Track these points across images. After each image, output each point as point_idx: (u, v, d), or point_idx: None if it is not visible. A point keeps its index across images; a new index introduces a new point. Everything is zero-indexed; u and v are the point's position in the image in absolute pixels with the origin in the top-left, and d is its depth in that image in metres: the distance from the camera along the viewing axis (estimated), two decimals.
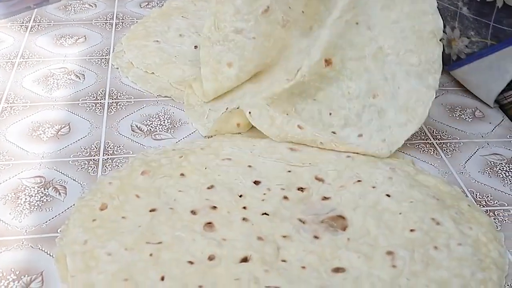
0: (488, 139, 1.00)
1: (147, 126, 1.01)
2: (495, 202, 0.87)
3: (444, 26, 1.09)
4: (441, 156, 0.96)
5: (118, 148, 0.95)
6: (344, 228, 0.80)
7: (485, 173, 0.93)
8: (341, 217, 0.82)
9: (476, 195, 0.88)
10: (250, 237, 0.77)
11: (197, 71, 1.11)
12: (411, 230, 0.79)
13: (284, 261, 0.75)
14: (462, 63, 1.11)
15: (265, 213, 0.81)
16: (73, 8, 1.40)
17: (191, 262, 0.73)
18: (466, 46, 1.08)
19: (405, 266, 0.74)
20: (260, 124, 0.96)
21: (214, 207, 0.82)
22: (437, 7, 1.00)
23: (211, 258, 0.74)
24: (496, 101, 1.09)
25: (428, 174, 0.91)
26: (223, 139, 0.97)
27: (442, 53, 1.12)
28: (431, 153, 0.97)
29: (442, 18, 1.09)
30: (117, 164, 0.91)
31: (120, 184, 0.86)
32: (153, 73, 1.14)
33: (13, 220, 0.81)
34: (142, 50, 1.20)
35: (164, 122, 1.02)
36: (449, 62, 1.13)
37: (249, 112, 0.96)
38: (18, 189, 0.86)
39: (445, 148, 0.98)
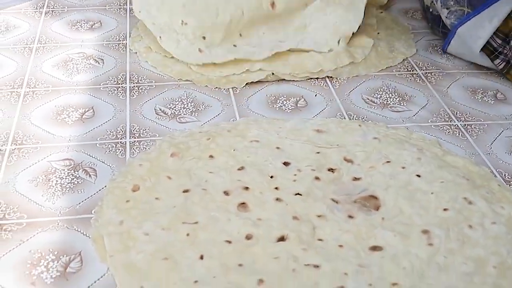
0: None
1: (171, 109, 1.00)
2: None
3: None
4: (467, 138, 0.96)
5: (144, 131, 0.94)
6: (377, 208, 0.80)
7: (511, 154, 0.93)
8: (374, 197, 0.82)
9: (504, 175, 0.89)
10: (285, 217, 0.77)
11: None
12: (444, 209, 0.79)
13: (320, 240, 0.75)
14: (448, 41, 1.14)
15: (298, 193, 0.81)
16: None
17: (228, 242, 0.73)
18: (446, 17, 1.11)
19: (441, 244, 0.74)
20: (167, 46, 1.12)
21: (246, 188, 0.82)
22: None
23: (248, 237, 0.74)
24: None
25: (455, 155, 0.91)
26: (249, 122, 0.97)
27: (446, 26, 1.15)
28: (456, 134, 0.97)
29: None
30: (144, 146, 0.91)
31: (150, 166, 0.85)
32: (172, 57, 1.13)
33: (46, 202, 0.80)
34: None
35: (187, 106, 1.01)
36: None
37: (159, 37, 1.13)
38: (48, 171, 0.86)
39: (469, 130, 0.98)
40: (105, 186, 0.83)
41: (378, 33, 1.24)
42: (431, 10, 1.20)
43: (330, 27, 1.15)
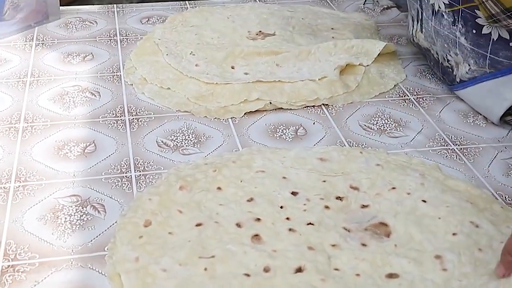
0: (505, 143, 1.04)
1: (173, 141, 1.01)
2: None
3: (449, 51, 1.13)
4: (464, 161, 0.99)
5: (149, 164, 0.95)
6: (388, 235, 0.82)
7: (509, 176, 0.96)
8: (384, 224, 0.83)
9: (505, 197, 0.91)
10: (301, 247, 0.78)
11: (213, 86, 1.12)
12: (454, 234, 0.81)
13: (337, 269, 0.76)
14: (465, 85, 1.12)
15: (310, 223, 0.82)
16: (74, 26, 1.39)
17: (247, 275, 0.74)
18: (467, 72, 1.10)
19: (455, 269, 0.76)
20: (169, 60, 1.21)
21: (258, 219, 0.83)
22: (440, 34, 1.10)
23: (266, 269, 0.75)
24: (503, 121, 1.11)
25: (456, 179, 0.93)
26: (252, 152, 0.97)
27: (449, 74, 1.15)
28: (454, 158, 0.99)
29: (445, 44, 1.13)
30: (150, 180, 0.91)
31: (160, 200, 0.85)
32: (168, 88, 1.14)
33: (57, 240, 0.80)
34: (154, 66, 1.20)
35: (189, 137, 1.02)
36: (454, 83, 1.15)
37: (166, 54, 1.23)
38: (56, 208, 0.85)
39: (466, 154, 1.01)
40: (116, 222, 0.83)
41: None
42: (432, 52, 1.20)
43: (331, 62, 1.19)
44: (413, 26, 1.25)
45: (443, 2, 1.09)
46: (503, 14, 0.95)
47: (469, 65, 1.09)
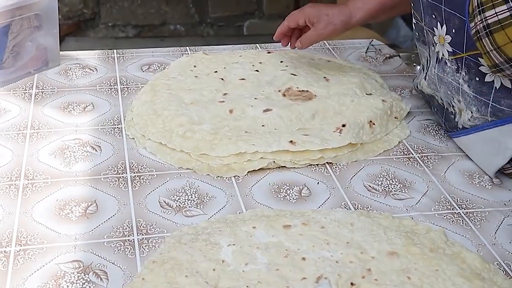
0: (511, 207, 1.03)
1: (175, 201, 0.99)
2: None
3: (453, 98, 1.13)
4: (471, 227, 0.98)
5: (151, 227, 0.93)
6: None
7: None
8: None
9: None
10: None
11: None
12: None
13: None
14: (467, 132, 1.12)
15: None
16: (73, 73, 1.38)
17: None
18: (469, 119, 1.10)
19: None
20: None
21: None
22: (443, 81, 1.11)
23: None
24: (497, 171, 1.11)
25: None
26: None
27: (451, 120, 1.15)
28: (460, 223, 0.98)
29: (448, 91, 1.12)
30: (153, 244, 0.89)
31: None
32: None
33: None
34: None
35: (191, 197, 1.00)
36: (456, 130, 1.15)
37: None
38: (58, 275, 0.83)
39: (472, 218, 1.00)
40: None
41: None
42: (437, 98, 1.20)
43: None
44: (420, 75, 1.25)
45: (447, 50, 1.09)
46: (506, 64, 0.95)
47: (471, 112, 1.09)
